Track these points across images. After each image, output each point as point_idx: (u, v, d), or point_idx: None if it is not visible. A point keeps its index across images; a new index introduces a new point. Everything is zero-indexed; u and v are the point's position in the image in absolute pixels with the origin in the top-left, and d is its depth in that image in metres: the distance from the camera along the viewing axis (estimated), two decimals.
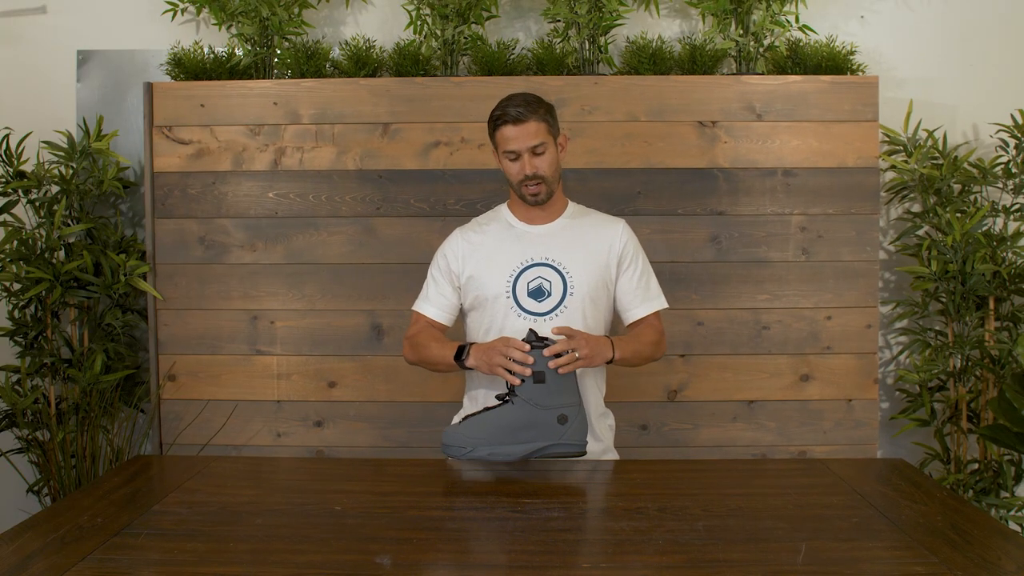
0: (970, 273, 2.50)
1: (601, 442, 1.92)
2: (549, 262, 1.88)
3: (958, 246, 2.48)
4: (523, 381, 1.64)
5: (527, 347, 1.66)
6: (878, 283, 2.60)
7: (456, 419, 1.99)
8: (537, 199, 1.88)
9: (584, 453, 1.68)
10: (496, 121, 1.87)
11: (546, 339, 1.67)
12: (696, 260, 2.57)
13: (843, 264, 2.57)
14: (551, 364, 1.65)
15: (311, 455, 2.60)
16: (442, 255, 1.97)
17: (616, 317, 1.98)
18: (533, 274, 1.87)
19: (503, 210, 1.99)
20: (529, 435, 1.62)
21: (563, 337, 1.69)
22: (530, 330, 1.70)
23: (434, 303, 1.96)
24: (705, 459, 2.37)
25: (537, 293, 1.86)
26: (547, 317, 1.86)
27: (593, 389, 1.91)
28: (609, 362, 1.79)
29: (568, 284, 1.86)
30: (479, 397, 1.93)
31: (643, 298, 1.94)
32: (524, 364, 1.65)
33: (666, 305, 1.97)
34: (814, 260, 2.57)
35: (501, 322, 1.87)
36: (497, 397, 1.69)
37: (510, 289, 1.87)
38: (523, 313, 1.86)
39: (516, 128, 1.83)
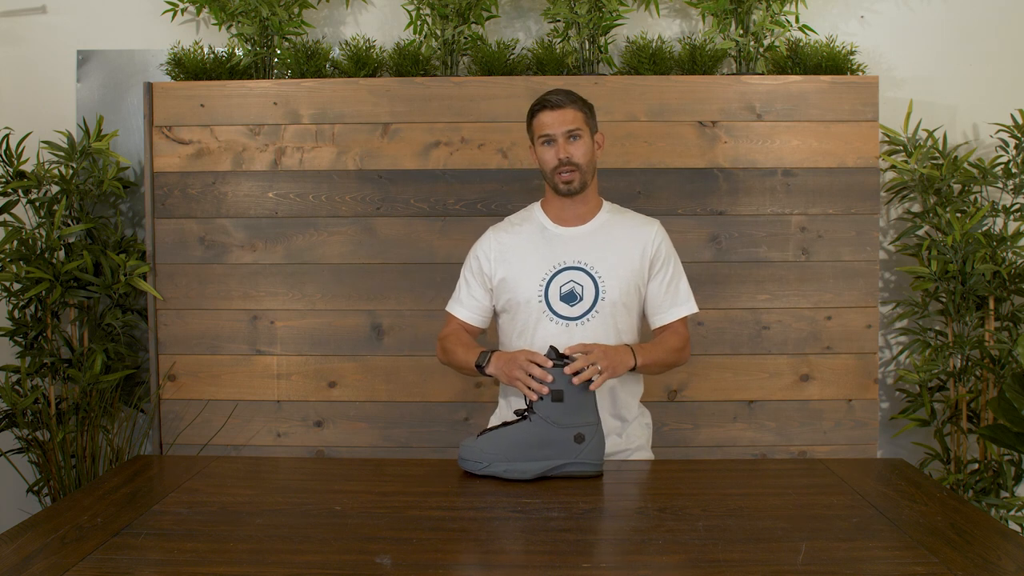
0: (970, 273, 2.50)
1: (636, 440, 1.92)
2: (581, 266, 1.87)
3: (958, 246, 2.48)
4: (541, 398, 1.64)
5: (548, 363, 1.64)
6: (878, 283, 2.60)
7: (493, 420, 2.00)
8: (570, 187, 1.86)
9: (600, 474, 1.66)
10: (534, 109, 1.88)
11: (566, 356, 1.66)
12: (696, 260, 2.57)
13: (843, 264, 2.57)
14: (575, 380, 1.62)
15: (311, 455, 2.60)
16: (474, 256, 1.96)
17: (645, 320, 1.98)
18: (565, 278, 1.86)
19: (536, 210, 1.98)
20: (545, 453, 1.62)
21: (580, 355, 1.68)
22: (551, 347, 1.68)
23: (466, 305, 1.95)
24: (705, 459, 2.37)
25: (569, 297, 1.86)
26: (579, 321, 1.85)
27: (623, 395, 1.90)
28: (632, 369, 1.77)
29: (600, 288, 1.85)
30: (512, 403, 1.92)
31: (671, 303, 1.92)
32: (543, 381, 1.63)
33: (695, 310, 1.95)
34: (814, 260, 2.57)
35: (534, 326, 1.87)
36: (516, 412, 1.68)
37: (542, 293, 1.86)
38: (555, 317, 1.85)
39: (553, 113, 1.84)
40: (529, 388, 1.64)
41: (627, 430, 1.92)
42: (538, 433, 1.62)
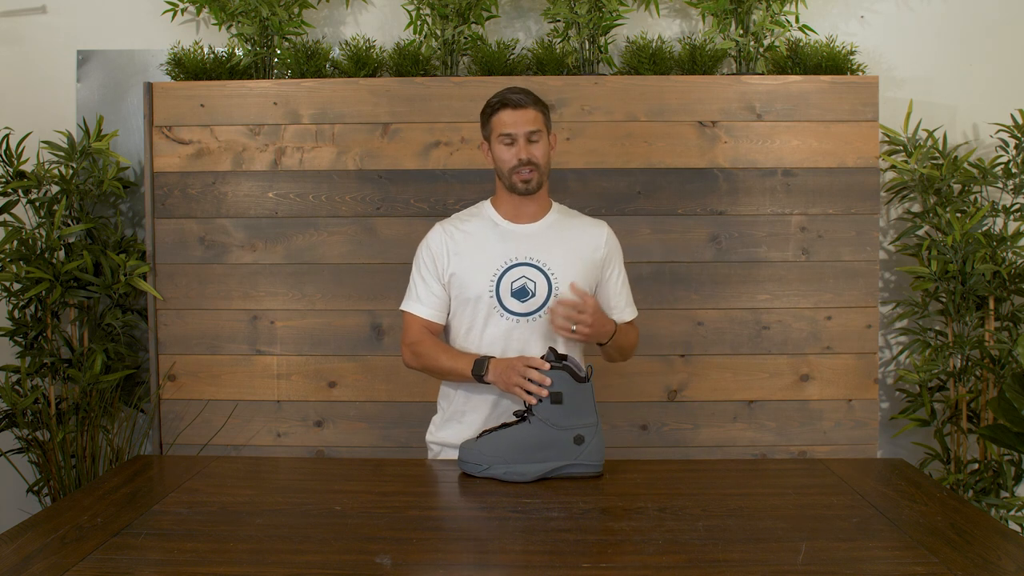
0: (970, 273, 2.50)
1: None
2: (533, 262, 1.86)
3: (958, 246, 2.48)
4: (540, 401, 1.64)
5: (546, 366, 1.64)
6: (878, 283, 2.60)
7: (432, 428, 1.98)
8: (528, 187, 1.85)
9: (601, 475, 1.66)
10: (494, 106, 1.86)
11: (566, 357, 1.66)
12: (696, 260, 2.57)
13: (843, 264, 2.57)
14: (555, 324, 1.73)
15: (311, 455, 2.60)
16: (427, 251, 1.93)
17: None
18: (517, 274, 1.86)
19: (486, 207, 1.96)
20: (545, 455, 1.62)
21: (571, 323, 1.73)
22: (549, 348, 1.68)
23: (426, 303, 1.91)
24: (705, 459, 2.37)
25: (521, 293, 1.85)
26: (530, 318, 1.85)
27: None
28: (606, 342, 1.84)
29: (552, 285, 1.85)
30: (452, 396, 1.92)
31: (625, 303, 1.96)
32: (542, 384, 1.63)
33: (637, 314, 2.01)
34: (814, 260, 2.57)
35: (483, 322, 1.86)
36: (515, 414, 1.68)
37: (494, 289, 1.85)
38: (506, 313, 1.85)
39: (515, 113, 1.83)
40: (529, 393, 1.64)
41: None
42: (537, 435, 1.62)
